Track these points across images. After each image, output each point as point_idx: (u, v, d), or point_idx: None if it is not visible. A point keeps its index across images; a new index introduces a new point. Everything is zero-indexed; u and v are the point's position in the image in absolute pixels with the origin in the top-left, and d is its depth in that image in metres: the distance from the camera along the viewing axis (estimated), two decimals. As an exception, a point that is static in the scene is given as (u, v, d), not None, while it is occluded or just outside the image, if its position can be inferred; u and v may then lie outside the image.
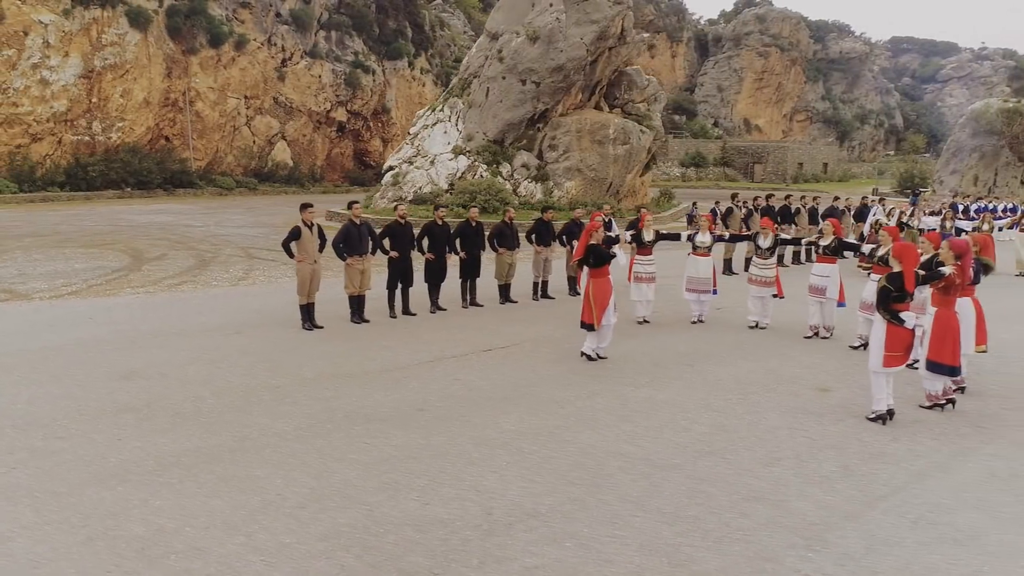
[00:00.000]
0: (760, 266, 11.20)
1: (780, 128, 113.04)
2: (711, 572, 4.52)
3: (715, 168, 76.20)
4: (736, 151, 78.61)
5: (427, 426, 6.90)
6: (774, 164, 77.29)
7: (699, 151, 73.35)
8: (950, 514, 5.39)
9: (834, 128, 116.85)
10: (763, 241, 11.27)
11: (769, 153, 78.69)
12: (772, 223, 11.76)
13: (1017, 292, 15.81)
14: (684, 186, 63.00)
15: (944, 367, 7.63)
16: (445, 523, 5.02)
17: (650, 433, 6.87)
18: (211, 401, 7.49)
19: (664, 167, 74.66)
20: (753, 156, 78.90)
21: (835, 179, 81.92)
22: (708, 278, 11.43)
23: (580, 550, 4.72)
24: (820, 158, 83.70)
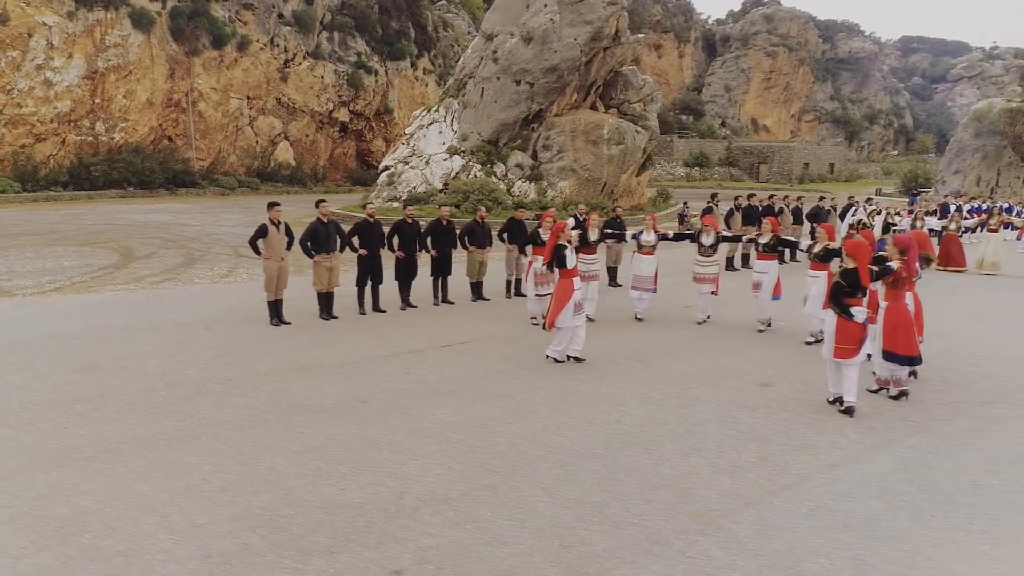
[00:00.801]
0: (703, 263, 11.41)
1: (788, 128, 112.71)
2: (598, 553, 4.73)
3: (720, 168, 76.12)
4: (741, 151, 78.51)
5: (365, 417, 7.14)
6: (779, 164, 77.10)
7: (703, 151, 73.19)
8: (849, 502, 5.58)
9: (843, 128, 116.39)
10: (705, 239, 11.48)
11: (774, 153, 78.51)
12: (715, 221, 12.07)
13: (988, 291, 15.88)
14: (687, 186, 63.08)
15: (899, 357, 8.04)
16: (355, 506, 5.25)
17: (581, 425, 7.08)
18: (163, 392, 7.76)
19: (668, 167, 74.74)
20: (758, 156, 78.74)
21: (841, 179, 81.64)
22: (651, 276, 11.63)
23: (478, 532, 4.94)
24: (826, 158, 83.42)
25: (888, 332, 8.09)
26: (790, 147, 79.72)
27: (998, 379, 9.13)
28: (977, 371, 9.48)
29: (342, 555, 4.59)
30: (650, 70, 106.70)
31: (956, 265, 17.80)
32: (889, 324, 8.10)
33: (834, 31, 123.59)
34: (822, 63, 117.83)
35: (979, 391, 8.59)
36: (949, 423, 7.47)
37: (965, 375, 9.29)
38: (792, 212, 20.60)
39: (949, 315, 13.05)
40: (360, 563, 4.51)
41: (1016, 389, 8.70)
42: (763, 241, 11.00)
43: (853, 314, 7.58)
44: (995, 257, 17.64)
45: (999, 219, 18.09)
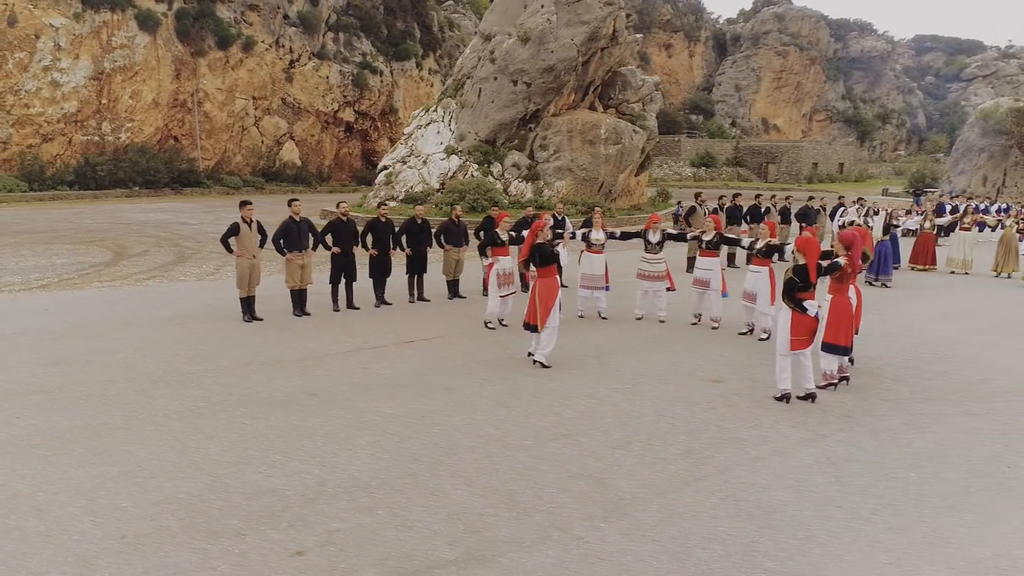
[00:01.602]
0: (649, 261, 11.56)
1: (799, 128, 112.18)
2: (498, 537, 4.92)
3: (728, 168, 75.95)
4: (749, 151, 78.25)
5: (310, 409, 7.36)
6: (788, 164, 76.83)
7: (708, 151, 73.04)
8: (761, 493, 5.73)
9: (854, 128, 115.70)
10: (652, 237, 11.63)
11: (783, 153, 78.23)
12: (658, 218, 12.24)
13: (960, 290, 15.91)
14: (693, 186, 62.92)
15: (839, 348, 8.43)
16: (276, 492, 5.47)
17: (519, 418, 7.27)
18: (120, 385, 8.02)
19: (675, 167, 74.72)
20: (767, 156, 78.50)
21: (851, 179, 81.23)
22: (601, 275, 11.77)
23: (388, 517, 5.15)
24: (836, 158, 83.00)
25: (832, 324, 8.40)
26: (799, 147, 79.43)
27: (950, 376, 9.24)
28: (932, 369, 9.59)
29: (251, 537, 4.81)
30: (660, 70, 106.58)
31: (926, 263, 17.85)
32: (834, 317, 8.41)
33: (846, 30, 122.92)
34: (834, 62, 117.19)
35: (927, 388, 8.71)
36: (886, 419, 7.59)
37: (919, 373, 9.39)
38: (780, 212, 20.64)
39: (917, 314, 13.14)
40: (266, 545, 4.72)
41: (963, 387, 8.80)
42: (706, 239, 11.16)
43: (806, 308, 7.85)
44: (968, 256, 17.66)
45: (972, 218, 18.09)
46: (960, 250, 17.72)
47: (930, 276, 17.65)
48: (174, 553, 4.59)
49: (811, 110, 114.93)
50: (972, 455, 6.65)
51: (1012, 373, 9.45)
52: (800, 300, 7.88)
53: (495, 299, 11.01)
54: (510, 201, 28.95)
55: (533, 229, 9.42)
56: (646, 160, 35.74)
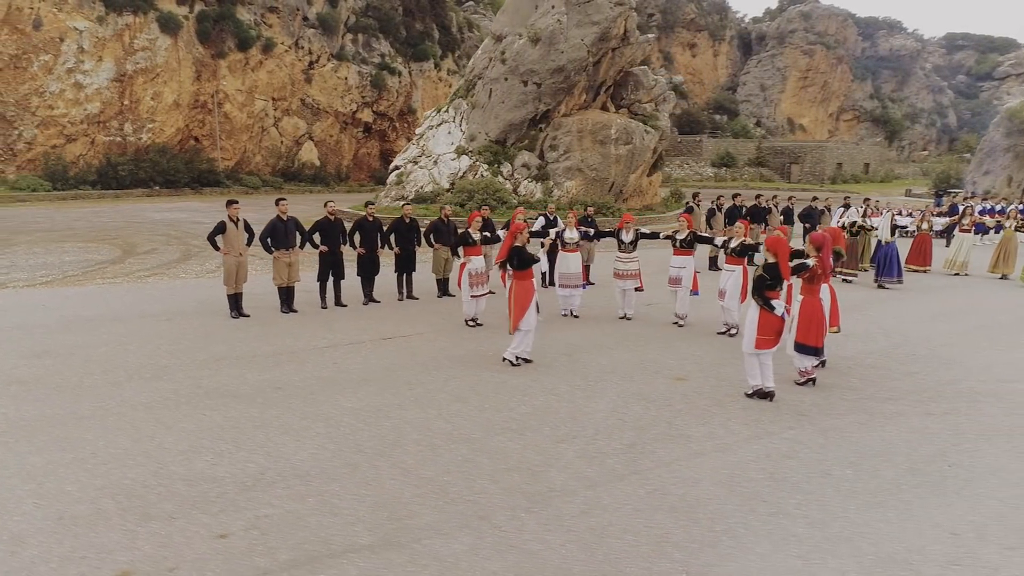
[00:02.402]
0: (624, 260, 11.66)
1: (826, 128, 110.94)
2: (419, 525, 5.09)
3: (750, 168, 75.35)
4: (772, 151, 77.51)
5: (272, 402, 7.59)
6: (811, 164, 76.03)
7: (728, 151, 72.52)
8: (690, 487, 5.84)
9: (882, 127, 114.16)
10: (625, 236, 11.72)
11: (806, 153, 77.39)
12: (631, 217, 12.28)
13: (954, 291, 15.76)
14: (713, 186, 62.61)
15: (810, 348, 8.53)
16: (216, 480, 5.70)
17: (473, 412, 7.43)
18: (96, 377, 8.32)
19: (696, 167, 74.34)
20: (790, 156, 77.72)
21: (877, 180, 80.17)
22: (578, 273, 11.89)
23: (318, 504, 5.34)
24: (861, 158, 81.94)
25: (803, 325, 8.52)
26: (823, 147, 78.54)
27: (919, 377, 9.23)
28: (903, 369, 9.59)
29: (180, 521, 5.03)
30: (683, 69, 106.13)
31: (922, 264, 17.71)
32: (804, 317, 8.52)
33: (874, 28, 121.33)
34: (861, 61, 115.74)
35: (891, 388, 8.72)
36: (840, 417, 7.64)
37: (888, 373, 9.40)
38: (782, 212, 20.56)
39: (906, 315, 13.08)
40: (192, 528, 4.94)
41: (930, 387, 8.80)
42: (680, 238, 11.23)
43: (774, 306, 7.95)
44: (965, 257, 17.48)
45: (971, 219, 17.89)
46: (958, 252, 17.55)
47: (927, 277, 17.49)
48: (104, 534, 4.83)
49: (838, 110, 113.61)
50: (917, 454, 6.69)
51: (984, 374, 9.42)
52: (769, 299, 7.98)
53: (467, 299, 11.16)
54: (519, 201, 29.11)
55: (512, 231, 9.49)
56: (659, 160, 35.67)
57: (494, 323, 11.30)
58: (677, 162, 75.41)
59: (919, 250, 17.98)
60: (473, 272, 10.99)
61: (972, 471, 6.34)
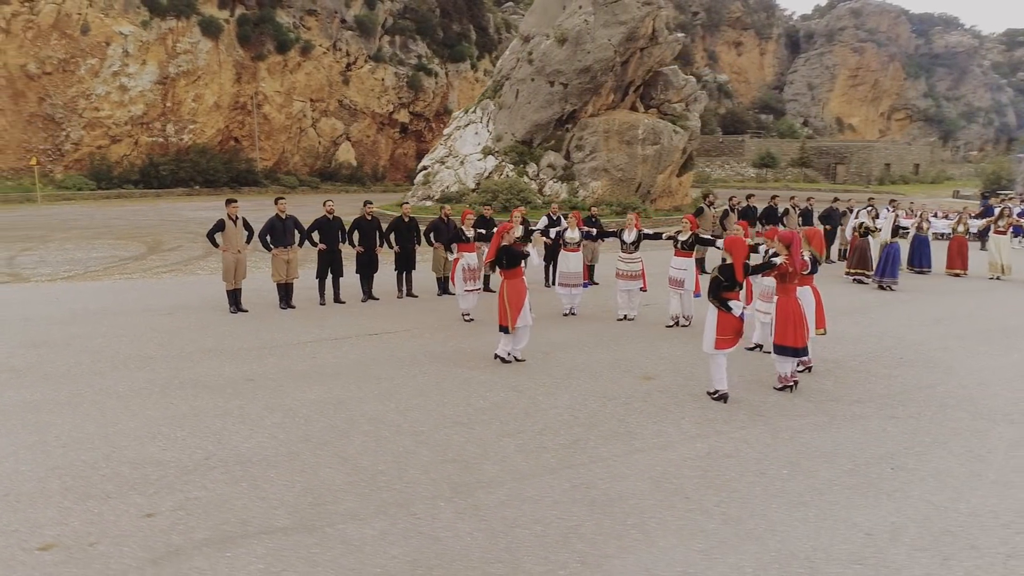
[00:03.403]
0: (626, 261, 11.70)
1: (876, 127, 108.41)
2: (339, 510, 5.31)
3: (793, 169, 73.99)
4: (816, 151, 75.94)
5: (240, 393, 7.90)
6: (858, 165, 74.33)
7: (769, 151, 71.33)
8: (617, 482, 5.94)
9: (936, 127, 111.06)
10: (627, 236, 11.76)
11: (853, 153, 75.66)
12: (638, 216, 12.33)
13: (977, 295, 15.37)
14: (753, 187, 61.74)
15: (789, 349, 8.42)
16: (162, 463, 6.00)
17: (431, 406, 7.63)
18: (84, 366, 8.76)
19: (738, 167, 73.37)
20: (835, 156, 76.07)
21: (927, 181, 77.94)
22: (578, 272, 11.96)
23: (249, 489, 5.60)
24: (910, 159, 79.72)
25: (780, 325, 8.47)
26: (870, 147, 76.70)
27: (896, 380, 9.12)
28: (884, 372, 9.47)
29: (115, 500, 5.34)
30: (728, 68, 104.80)
31: (958, 268, 17.29)
32: (781, 318, 8.48)
33: (929, 25, 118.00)
34: (915, 59, 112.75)
35: (864, 390, 8.64)
36: (798, 419, 7.62)
37: (867, 375, 9.30)
38: (801, 213, 20.28)
39: (909, 318, 12.86)
40: (124, 507, 5.24)
41: (903, 391, 8.69)
42: (681, 239, 11.22)
43: (731, 307, 7.97)
44: (1006, 260, 16.99)
45: (1008, 221, 17.36)
46: (996, 254, 17.06)
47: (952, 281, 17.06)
48: (41, 510, 5.16)
49: (889, 109, 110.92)
50: (862, 456, 6.66)
51: (967, 379, 9.25)
52: (725, 299, 7.98)
53: (462, 294, 11.50)
54: (544, 201, 29.24)
55: (500, 231, 9.56)
56: (689, 160, 35.39)
57: (484, 319, 11.49)
58: (718, 162, 74.57)
59: (956, 253, 17.57)
60: (466, 268, 11.25)
61: (913, 474, 6.30)
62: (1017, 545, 5.13)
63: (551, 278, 13.97)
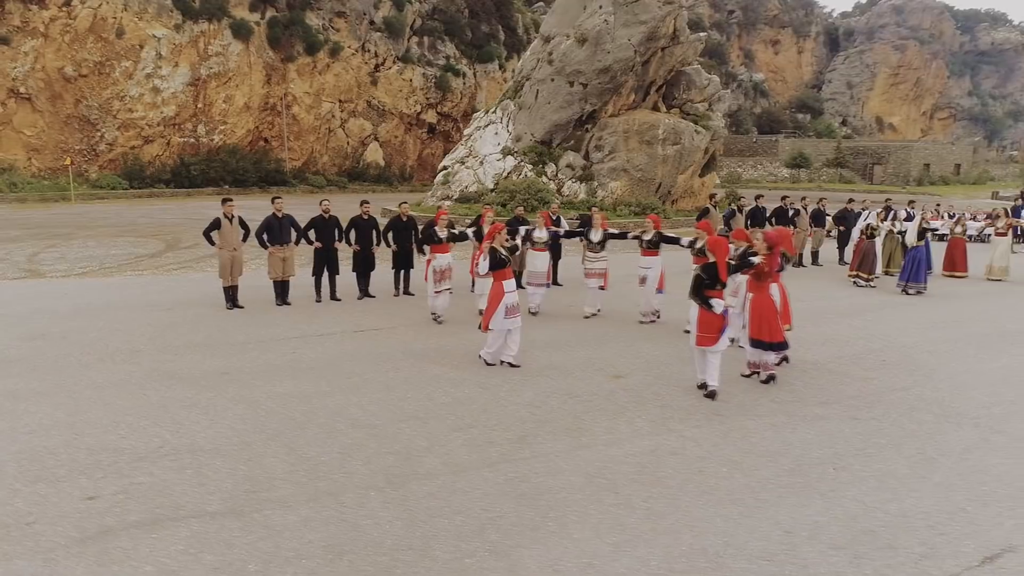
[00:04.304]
0: (592, 259, 11.78)
1: (918, 127, 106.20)
2: (270, 497, 5.52)
3: (828, 169, 72.82)
4: (853, 151, 74.54)
5: (212, 386, 8.18)
6: (896, 165, 72.83)
7: (803, 151, 70.24)
8: (551, 477, 6.06)
9: (981, 126, 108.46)
10: (593, 236, 11.83)
11: (891, 153, 74.13)
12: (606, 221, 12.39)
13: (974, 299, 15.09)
14: (786, 187, 61.02)
15: (763, 343, 8.72)
16: (117, 451, 6.29)
17: (393, 401, 7.82)
18: (73, 359, 9.14)
19: (771, 168, 72.48)
20: (872, 156, 74.64)
21: (968, 181, 76.01)
22: (544, 272, 12.07)
23: (192, 476, 5.85)
24: (951, 159, 77.79)
25: (754, 321, 8.75)
26: (909, 147, 75.06)
27: (871, 383, 9.07)
28: (861, 374, 9.42)
29: (64, 483, 5.63)
30: (765, 67, 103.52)
31: (958, 270, 16.97)
32: (755, 313, 8.76)
33: (975, 21, 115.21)
34: (959, 56, 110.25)
35: (833, 392, 8.61)
36: (756, 419, 7.65)
37: (843, 377, 9.27)
38: (812, 215, 20.08)
39: (906, 321, 12.71)
40: (69, 489, 5.53)
41: (874, 393, 8.64)
42: (646, 238, 11.31)
43: (713, 305, 8.12)
44: (1004, 262, 16.65)
45: (1007, 222, 17.01)
46: (998, 257, 16.74)
47: (958, 284, 16.78)
48: (-9, 491, 5.47)
49: (932, 108, 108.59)
50: (808, 456, 6.68)
51: (945, 383, 9.15)
52: (707, 297, 8.14)
53: (432, 294, 11.54)
54: (562, 201, 29.31)
55: (489, 233, 9.63)
56: (711, 160, 35.13)
57: (461, 319, 11.65)
58: (751, 162, 73.79)
59: (953, 256, 17.29)
60: (437, 269, 11.36)
61: (856, 475, 6.30)
62: (935, 546, 5.14)
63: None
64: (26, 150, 36.83)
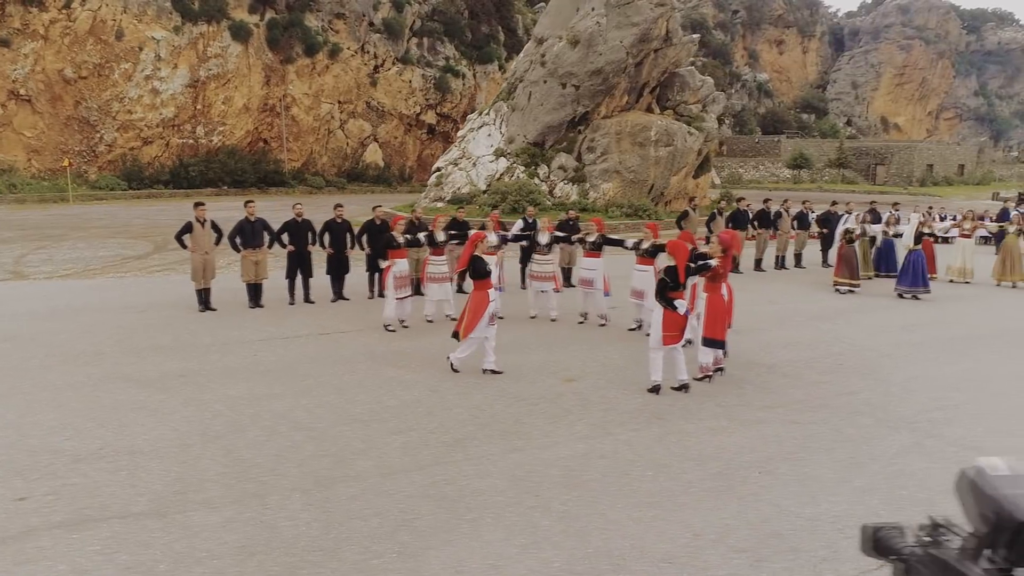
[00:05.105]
0: (539, 262, 11.94)
1: (923, 127, 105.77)
2: (197, 499, 5.67)
3: (831, 170, 72.63)
4: (855, 152, 74.30)
5: (167, 388, 8.36)
6: (898, 166, 72.58)
7: (803, 152, 70.05)
8: (477, 480, 6.19)
9: (987, 126, 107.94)
10: (541, 239, 11.98)
11: (894, 154, 73.86)
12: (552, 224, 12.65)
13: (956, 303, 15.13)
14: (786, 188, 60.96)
15: (716, 342, 9.07)
16: (57, 452, 6.46)
17: (341, 404, 7.97)
18: (36, 360, 9.34)
19: (772, 168, 72.35)
20: (875, 157, 74.39)
21: (972, 182, 75.66)
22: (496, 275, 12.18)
23: (126, 477, 6.01)
24: (955, 159, 77.44)
25: (710, 320, 9.02)
26: (912, 147, 74.78)
27: (821, 387, 9.15)
28: (813, 379, 9.50)
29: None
30: (769, 67, 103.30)
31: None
32: (710, 314, 9.02)
33: (982, 21, 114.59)
34: (965, 56, 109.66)
35: (780, 396, 8.70)
36: (697, 422, 7.75)
37: (796, 381, 9.36)
38: (796, 217, 20.16)
39: (876, 324, 12.76)
40: (2, 490, 5.70)
41: (821, 397, 8.72)
42: (590, 240, 11.47)
43: (677, 307, 8.45)
44: (968, 264, 16.69)
45: (973, 224, 17.06)
46: (959, 258, 16.81)
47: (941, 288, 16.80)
48: (-74, 492, 5.65)
49: (937, 108, 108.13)
50: (738, 461, 6.78)
51: (894, 387, 9.21)
52: (671, 299, 8.44)
53: (391, 302, 11.43)
54: (554, 203, 29.46)
55: (472, 240, 9.57)
56: (705, 162, 35.20)
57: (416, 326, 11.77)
58: (752, 163, 73.68)
59: None
60: (398, 275, 11.45)
61: (779, 479, 6.41)
62: (839, 548, 5.25)
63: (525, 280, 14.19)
64: (26, 151, 37.24)
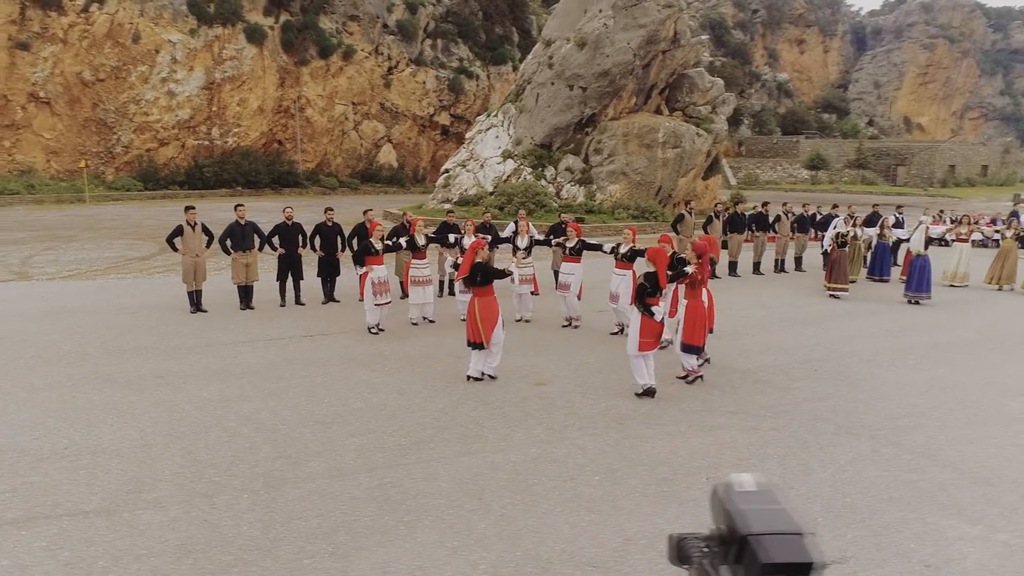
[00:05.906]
0: (520, 265, 12.00)
1: (948, 127, 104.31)
2: (148, 499, 5.87)
3: (850, 171, 71.88)
4: (875, 152, 73.46)
5: (142, 389, 8.59)
6: (919, 166, 71.71)
7: (819, 153, 69.40)
8: (424, 482, 6.33)
9: (1014, 126, 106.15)
10: (519, 242, 12.09)
11: (915, 154, 72.97)
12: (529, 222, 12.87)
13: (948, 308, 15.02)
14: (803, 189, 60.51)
15: (695, 348, 9.22)
16: (23, 451, 6.70)
17: (307, 406, 8.15)
18: (23, 361, 9.63)
19: (790, 169, 71.78)
20: (896, 158, 73.54)
21: (995, 183, 74.54)
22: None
23: (85, 476, 6.22)
24: (978, 160, 76.32)
25: (688, 326, 9.17)
26: (934, 147, 73.83)
27: (791, 392, 9.19)
28: (784, 384, 9.54)
29: (-40, 482, 6.04)
30: (790, 67, 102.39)
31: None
32: (689, 320, 9.17)
33: (1008, 20, 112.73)
34: (991, 55, 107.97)
35: (746, 402, 8.76)
36: (656, 427, 7.84)
37: (766, 386, 9.40)
38: (796, 220, 20.08)
39: (861, 329, 12.75)
40: (-37, 488, 5.94)
41: (788, 403, 8.75)
42: (569, 245, 11.56)
43: (654, 313, 8.59)
44: (964, 268, 16.56)
45: (969, 228, 16.92)
46: (955, 262, 16.68)
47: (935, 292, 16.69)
48: None
49: (962, 108, 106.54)
50: (688, 466, 6.87)
51: (864, 393, 9.23)
52: (649, 305, 8.58)
53: (372, 308, 11.57)
54: (561, 204, 29.57)
55: (472, 248, 9.52)
56: (714, 163, 35.10)
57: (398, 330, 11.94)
58: (770, 164, 73.14)
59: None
60: (376, 281, 11.56)
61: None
62: (766, 556, 5.31)
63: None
64: (45, 153, 37.99)
